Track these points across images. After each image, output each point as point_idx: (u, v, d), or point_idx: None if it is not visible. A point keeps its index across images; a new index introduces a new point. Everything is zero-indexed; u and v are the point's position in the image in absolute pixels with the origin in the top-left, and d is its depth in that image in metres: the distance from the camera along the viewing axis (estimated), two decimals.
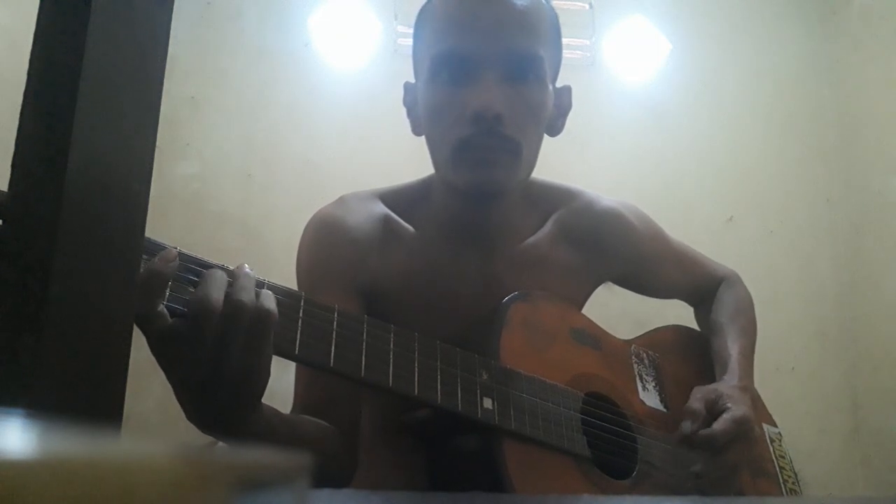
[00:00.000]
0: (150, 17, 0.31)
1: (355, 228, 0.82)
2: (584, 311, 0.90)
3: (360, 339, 0.62)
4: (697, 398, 0.79)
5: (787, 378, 1.91)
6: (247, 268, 0.56)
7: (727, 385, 0.83)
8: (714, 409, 0.78)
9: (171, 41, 0.32)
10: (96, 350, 0.27)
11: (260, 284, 0.57)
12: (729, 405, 0.77)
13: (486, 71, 0.74)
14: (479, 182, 0.76)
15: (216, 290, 0.52)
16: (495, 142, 0.74)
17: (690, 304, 1.05)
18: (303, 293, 0.60)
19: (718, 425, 0.75)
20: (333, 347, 0.59)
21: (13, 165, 0.26)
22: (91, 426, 0.22)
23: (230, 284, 0.54)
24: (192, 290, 0.53)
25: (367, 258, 0.82)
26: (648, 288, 1.00)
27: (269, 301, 0.54)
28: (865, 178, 1.97)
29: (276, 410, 0.65)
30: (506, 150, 0.75)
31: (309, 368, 0.75)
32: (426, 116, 0.81)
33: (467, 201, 0.81)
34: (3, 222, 0.26)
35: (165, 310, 0.52)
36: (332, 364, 0.59)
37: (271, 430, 0.61)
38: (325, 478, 0.38)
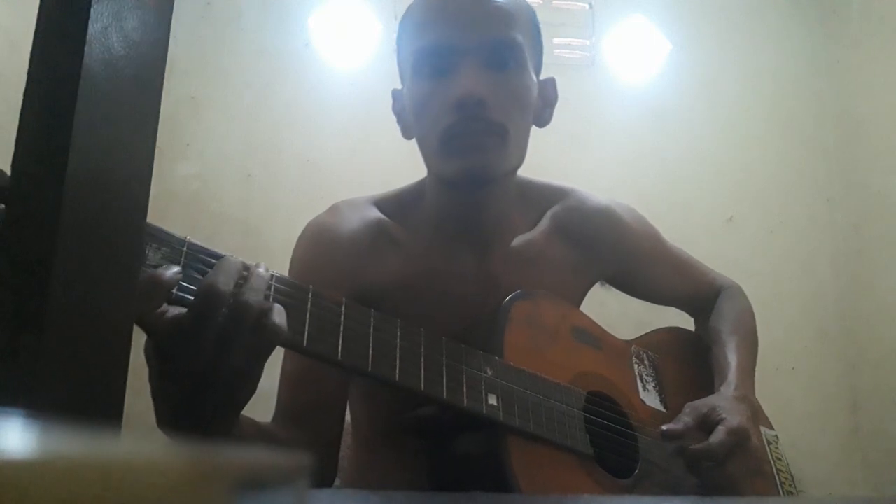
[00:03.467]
0: (150, 17, 0.31)
1: (349, 235, 0.82)
2: (583, 310, 0.90)
3: (368, 333, 0.62)
4: (687, 412, 0.78)
5: (787, 378, 1.91)
6: (263, 268, 0.55)
7: (722, 396, 0.82)
8: (708, 422, 0.77)
9: (171, 41, 0.32)
10: (96, 350, 0.27)
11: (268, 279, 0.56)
12: (724, 416, 0.76)
13: (467, 59, 0.75)
14: (469, 168, 0.75)
15: (225, 277, 0.52)
16: (481, 126, 0.74)
17: (689, 313, 1.03)
18: (310, 286, 0.60)
19: (714, 437, 0.74)
20: (341, 341, 0.59)
21: (13, 165, 0.26)
22: (91, 426, 0.22)
23: (243, 279, 0.53)
24: (200, 277, 0.53)
25: (362, 264, 0.81)
26: (642, 289, 0.99)
27: (281, 318, 0.53)
28: (865, 178, 1.97)
29: (252, 419, 0.64)
30: (492, 133, 0.75)
31: (295, 375, 0.76)
32: (414, 113, 0.81)
33: (459, 196, 0.81)
34: (3, 221, 0.26)
35: (167, 306, 0.51)
36: (339, 357, 0.59)
37: (245, 438, 0.61)
38: None
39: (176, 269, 0.52)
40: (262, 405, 0.64)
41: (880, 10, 1.96)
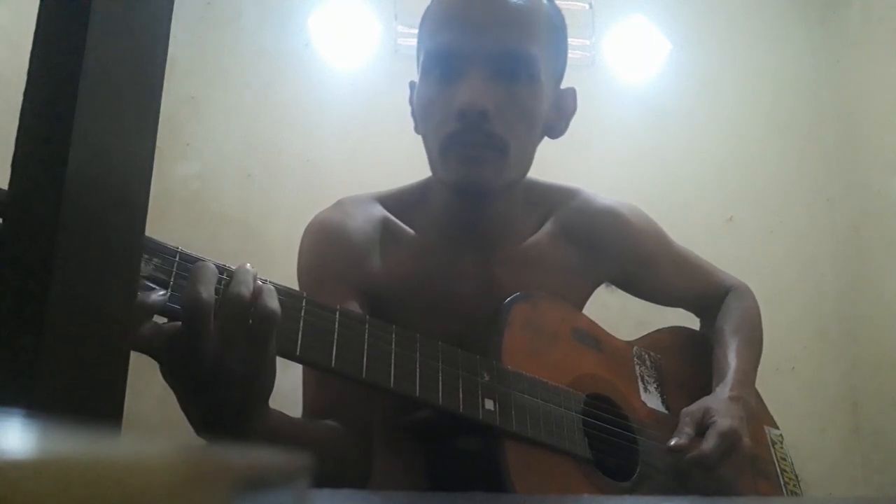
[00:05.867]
0: (150, 17, 0.31)
1: (353, 232, 0.82)
2: (585, 311, 0.89)
3: (362, 340, 0.61)
4: (686, 421, 0.77)
5: (787, 378, 1.91)
6: (247, 266, 0.55)
7: (716, 398, 0.81)
8: (701, 426, 0.76)
9: (171, 41, 0.32)
10: (96, 350, 0.27)
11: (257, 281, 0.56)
12: (715, 419, 0.76)
13: (476, 68, 0.74)
14: (466, 179, 0.75)
15: (205, 285, 0.51)
16: (480, 138, 0.74)
17: (696, 313, 1.03)
18: (304, 293, 0.60)
19: (706, 444, 0.73)
20: (335, 348, 0.59)
21: (13, 165, 0.26)
22: (91, 426, 0.22)
23: (227, 281, 0.53)
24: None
25: (366, 261, 0.81)
26: (648, 291, 0.98)
27: (272, 300, 0.53)
28: (865, 178, 1.97)
29: (284, 414, 0.64)
30: (492, 147, 0.74)
31: (313, 371, 0.75)
32: (420, 114, 0.81)
33: (463, 201, 0.81)
34: (3, 221, 0.26)
35: (162, 323, 0.52)
36: (333, 365, 0.59)
37: (280, 433, 0.61)
38: (339, 479, 0.38)
39: (161, 292, 0.52)
40: (281, 403, 0.63)
41: (880, 10, 1.96)
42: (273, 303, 0.53)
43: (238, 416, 0.55)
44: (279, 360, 0.56)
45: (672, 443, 0.74)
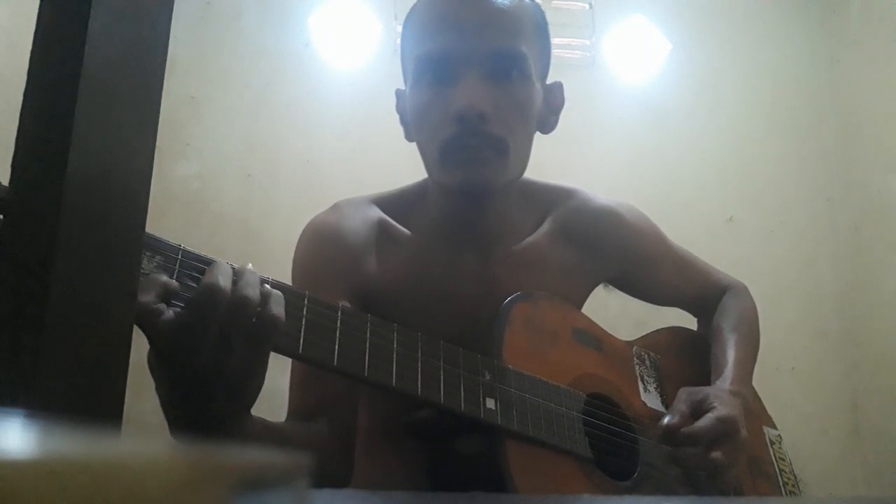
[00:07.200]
0: (150, 17, 0.31)
1: (350, 234, 0.82)
2: (584, 311, 0.89)
3: (364, 339, 0.61)
4: (682, 399, 0.78)
5: (787, 378, 1.91)
6: (250, 266, 0.56)
7: (716, 388, 0.81)
8: (699, 409, 0.76)
9: (171, 41, 0.32)
10: (96, 350, 0.27)
11: (264, 283, 0.56)
12: (714, 405, 0.76)
13: (469, 70, 0.74)
14: (468, 181, 0.75)
15: (223, 278, 0.51)
16: (481, 140, 0.74)
17: (693, 313, 1.03)
18: (306, 292, 0.60)
19: (701, 422, 0.74)
20: (337, 346, 0.59)
21: (13, 165, 0.26)
22: (91, 426, 0.22)
23: (235, 281, 0.53)
24: (194, 285, 0.53)
25: (363, 263, 0.81)
26: (646, 290, 0.98)
27: (278, 307, 0.53)
28: (865, 178, 1.97)
29: (265, 420, 0.64)
30: (492, 148, 0.75)
31: (306, 372, 0.75)
32: (414, 119, 0.80)
33: (462, 202, 0.80)
34: (4, 217, 0.26)
35: (165, 308, 0.51)
36: (335, 363, 0.59)
37: (258, 438, 0.60)
38: (319, 483, 0.37)
39: (176, 283, 0.52)
40: (269, 404, 0.63)
41: (880, 10, 1.96)
42: (279, 309, 0.53)
43: (220, 416, 0.54)
44: (280, 362, 0.56)
45: (665, 421, 0.74)
